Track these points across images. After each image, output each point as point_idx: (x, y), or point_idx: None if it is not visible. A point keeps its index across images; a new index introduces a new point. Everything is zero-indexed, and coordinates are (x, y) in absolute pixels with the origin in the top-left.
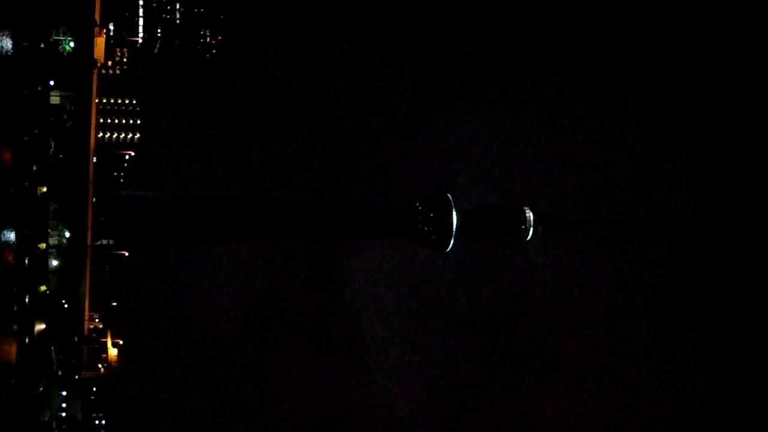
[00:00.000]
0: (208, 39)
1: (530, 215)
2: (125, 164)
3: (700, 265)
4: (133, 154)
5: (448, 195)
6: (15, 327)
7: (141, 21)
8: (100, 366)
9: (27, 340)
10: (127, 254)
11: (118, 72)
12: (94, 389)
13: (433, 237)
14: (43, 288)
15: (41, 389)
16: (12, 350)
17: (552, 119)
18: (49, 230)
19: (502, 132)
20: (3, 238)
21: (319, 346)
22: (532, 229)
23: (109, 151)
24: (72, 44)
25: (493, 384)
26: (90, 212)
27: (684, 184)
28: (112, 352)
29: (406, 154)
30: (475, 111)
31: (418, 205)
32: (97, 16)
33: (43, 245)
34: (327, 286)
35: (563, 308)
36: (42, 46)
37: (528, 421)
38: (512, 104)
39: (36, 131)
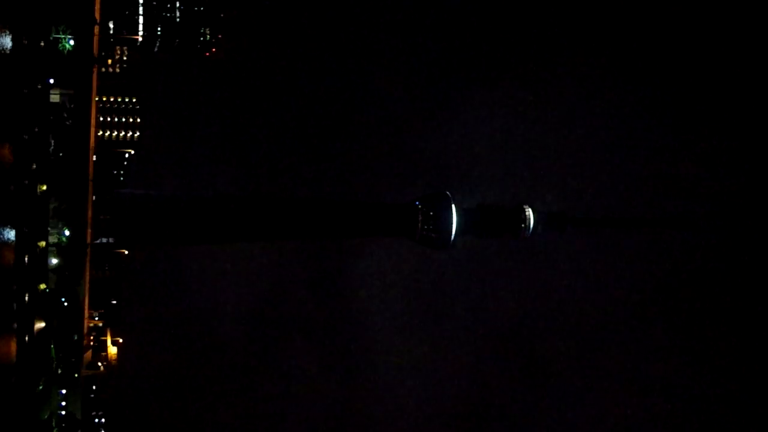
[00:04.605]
0: (208, 37)
1: (530, 214)
2: (125, 162)
3: (704, 265)
4: (132, 152)
5: (448, 193)
6: (15, 325)
7: (141, 19)
8: (99, 364)
9: (27, 338)
10: (127, 253)
11: (118, 70)
12: (94, 387)
13: (433, 236)
14: (42, 286)
15: (41, 387)
16: (12, 348)
17: (552, 117)
18: (48, 228)
19: (501, 131)
20: (3, 237)
21: (324, 348)
22: (531, 227)
23: (109, 149)
24: (72, 42)
25: (503, 385)
26: (90, 210)
27: (686, 183)
28: (112, 350)
29: (406, 153)
30: (475, 109)
31: (418, 204)
32: (97, 15)
33: (42, 243)
34: (332, 286)
35: (572, 308)
36: (42, 44)
37: (539, 424)
38: (513, 103)
39: (36, 129)
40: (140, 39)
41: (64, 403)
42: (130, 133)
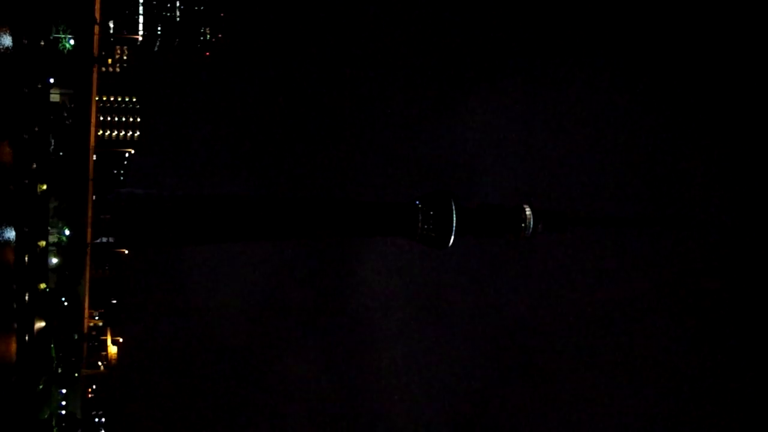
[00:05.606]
0: (208, 37)
1: (530, 213)
2: (125, 162)
3: (704, 265)
4: (132, 152)
5: (448, 193)
6: (15, 325)
7: (141, 19)
8: (99, 364)
9: (27, 338)
10: (127, 252)
11: (118, 70)
12: (94, 387)
13: (434, 235)
14: (42, 286)
15: (41, 387)
16: (12, 348)
17: (553, 117)
18: (49, 228)
19: (502, 131)
20: (3, 236)
21: (327, 347)
22: (531, 227)
23: (109, 149)
24: (72, 42)
25: (506, 384)
26: (90, 210)
27: (686, 183)
28: (112, 350)
29: (406, 153)
30: (475, 109)
31: (418, 203)
32: (97, 14)
33: (43, 243)
34: (333, 285)
35: (572, 308)
36: (42, 43)
37: (539, 423)
38: (513, 103)
39: (36, 129)
40: (140, 39)
41: (64, 403)
42: (130, 133)
